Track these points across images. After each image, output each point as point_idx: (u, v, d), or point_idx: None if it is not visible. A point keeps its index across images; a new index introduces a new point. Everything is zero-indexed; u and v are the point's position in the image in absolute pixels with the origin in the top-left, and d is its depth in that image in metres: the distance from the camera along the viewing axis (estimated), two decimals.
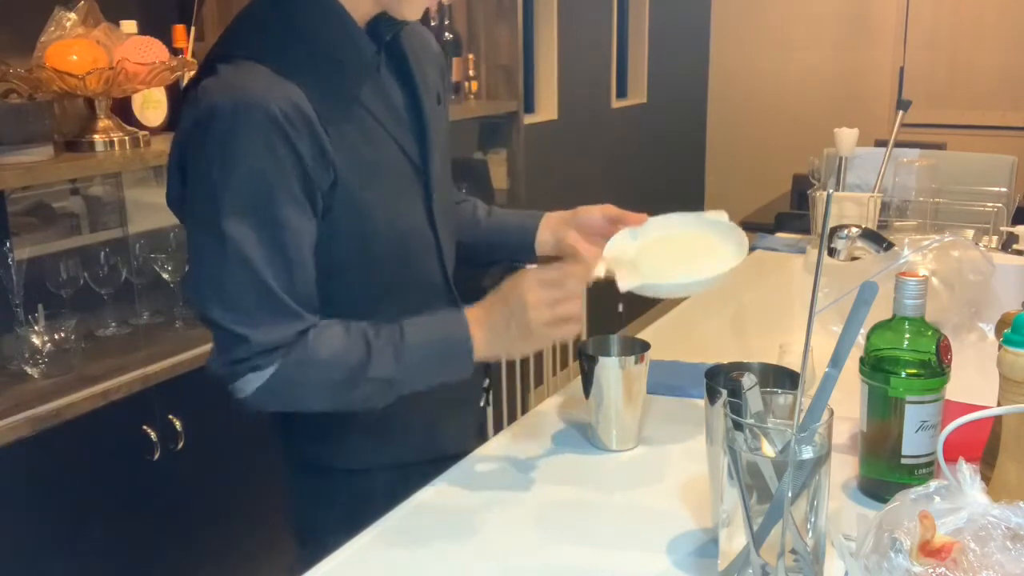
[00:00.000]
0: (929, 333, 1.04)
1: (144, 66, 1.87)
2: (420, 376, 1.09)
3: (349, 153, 1.07)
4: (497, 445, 1.26)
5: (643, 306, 5.09)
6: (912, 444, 1.04)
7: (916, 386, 1.03)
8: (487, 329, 1.08)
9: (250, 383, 1.04)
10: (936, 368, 1.03)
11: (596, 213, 1.28)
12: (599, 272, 1.17)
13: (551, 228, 1.32)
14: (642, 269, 1.19)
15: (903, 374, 1.03)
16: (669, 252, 1.23)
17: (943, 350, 1.04)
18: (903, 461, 1.04)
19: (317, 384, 1.06)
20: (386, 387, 1.07)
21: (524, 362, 3.18)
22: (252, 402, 1.06)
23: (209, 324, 1.04)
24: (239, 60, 1.04)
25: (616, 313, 5.12)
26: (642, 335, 1.71)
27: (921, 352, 1.04)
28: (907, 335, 1.04)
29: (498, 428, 1.96)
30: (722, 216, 1.26)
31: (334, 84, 1.08)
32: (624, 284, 1.13)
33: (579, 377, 1.24)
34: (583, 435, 1.26)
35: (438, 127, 1.22)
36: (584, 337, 1.54)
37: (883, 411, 1.05)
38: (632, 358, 1.20)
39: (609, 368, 1.20)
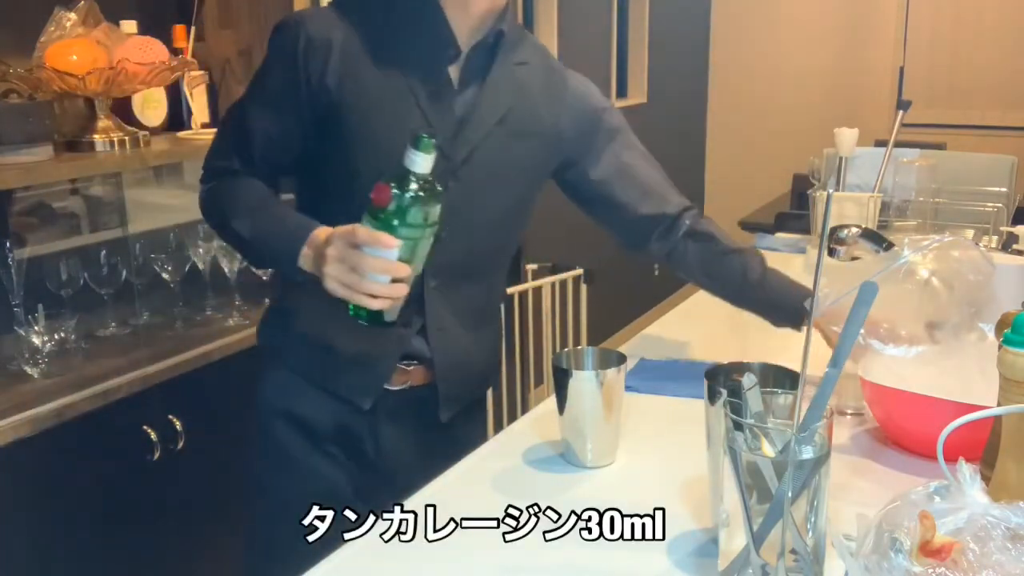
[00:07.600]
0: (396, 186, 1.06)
1: (144, 66, 1.87)
2: (255, 253, 1.36)
3: (360, 101, 1.26)
4: (499, 443, 1.26)
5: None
6: None
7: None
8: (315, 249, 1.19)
9: (202, 190, 1.37)
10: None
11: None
12: None
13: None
14: None
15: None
16: None
17: (377, 196, 1.05)
18: None
19: (217, 211, 1.33)
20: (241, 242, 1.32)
21: (524, 362, 3.18)
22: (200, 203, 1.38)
23: None
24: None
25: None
26: (642, 335, 1.72)
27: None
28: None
29: (498, 428, 1.96)
30: None
31: (393, 61, 1.26)
32: None
33: None
34: None
35: (497, 146, 1.34)
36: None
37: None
38: (608, 371, 1.16)
39: (584, 382, 1.16)
